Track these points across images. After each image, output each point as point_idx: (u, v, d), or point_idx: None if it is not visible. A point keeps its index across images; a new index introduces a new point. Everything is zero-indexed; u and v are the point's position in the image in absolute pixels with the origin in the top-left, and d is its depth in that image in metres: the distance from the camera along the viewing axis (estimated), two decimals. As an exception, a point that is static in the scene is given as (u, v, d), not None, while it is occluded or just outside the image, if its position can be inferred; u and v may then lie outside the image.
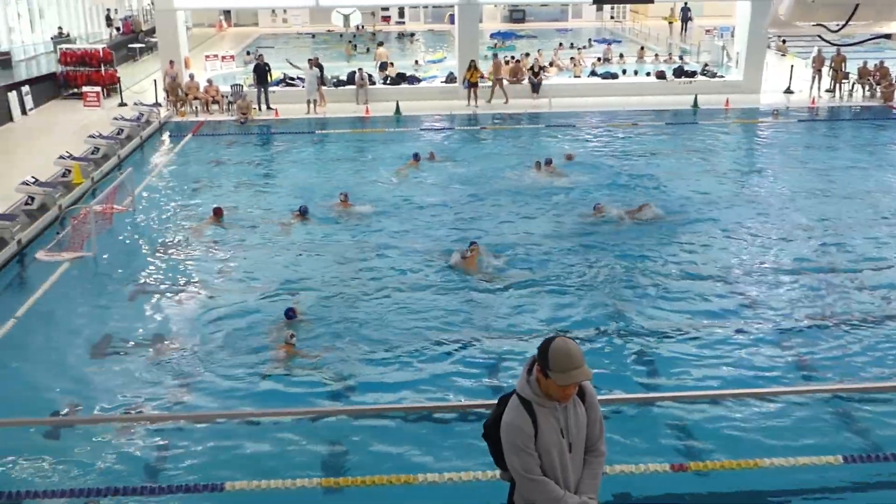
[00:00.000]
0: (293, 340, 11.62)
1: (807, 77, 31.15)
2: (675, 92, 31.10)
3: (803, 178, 20.61)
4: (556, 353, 5.08)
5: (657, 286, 13.87)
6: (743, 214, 17.58)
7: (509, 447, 5.31)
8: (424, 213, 17.89)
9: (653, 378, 11.08)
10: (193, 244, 16.27)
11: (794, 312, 12.86)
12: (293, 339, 11.63)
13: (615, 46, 41.97)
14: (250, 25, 60.51)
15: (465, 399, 10.45)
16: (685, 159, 22.74)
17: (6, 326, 12.62)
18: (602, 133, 26.00)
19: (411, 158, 21.69)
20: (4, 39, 36.44)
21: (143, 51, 42.90)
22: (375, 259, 15.27)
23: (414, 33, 55.77)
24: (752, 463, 8.73)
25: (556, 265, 14.77)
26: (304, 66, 30.26)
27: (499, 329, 12.41)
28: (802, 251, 15.47)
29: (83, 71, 31.91)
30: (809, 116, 28.29)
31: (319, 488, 8.56)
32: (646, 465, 8.66)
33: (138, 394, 10.66)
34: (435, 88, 32.05)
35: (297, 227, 17.06)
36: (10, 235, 15.59)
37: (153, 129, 26.24)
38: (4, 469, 8.97)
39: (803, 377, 11.08)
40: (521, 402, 5.30)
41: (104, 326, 12.67)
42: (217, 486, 8.47)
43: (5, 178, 19.62)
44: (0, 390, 10.82)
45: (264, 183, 20.96)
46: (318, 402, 10.46)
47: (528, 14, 60.81)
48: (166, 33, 30.88)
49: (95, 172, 20.80)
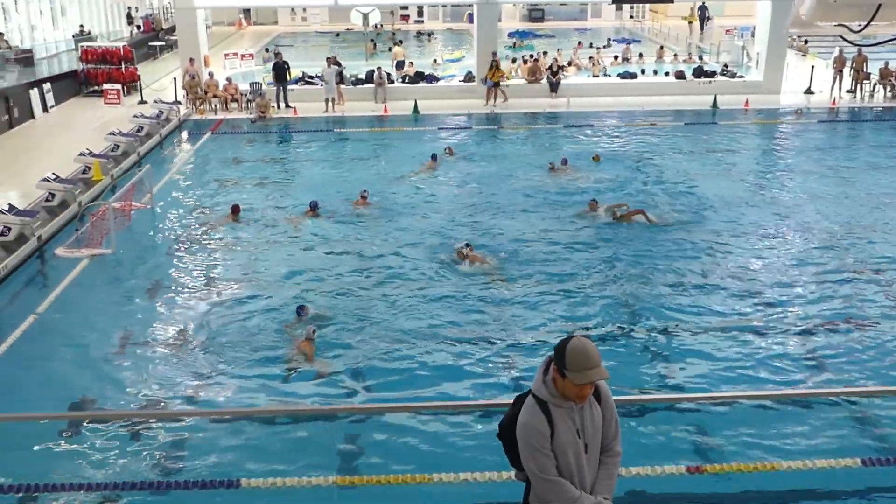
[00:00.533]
0: (314, 336, 11.63)
1: (828, 77, 30.93)
2: (695, 92, 30.97)
3: (823, 180, 20.45)
4: (574, 352, 5.07)
5: (675, 286, 13.82)
6: (761, 215, 17.48)
7: (525, 447, 5.29)
8: (441, 212, 17.89)
9: (669, 379, 11.03)
10: (211, 241, 16.35)
11: (813, 314, 12.77)
12: (314, 335, 11.64)
13: (634, 46, 41.84)
14: (270, 24, 60.77)
15: (480, 398, 10.44)
16: (703, 159, 22.64)
17: (26, 322, 12.70)
18: (620, 133, 25.91)
19: (429, 159, 21.70)
20: (27, 37, 36.71)
21: (164, 49, 43.13)
22: (392, 257, 15.28)
23: (432, 32, 55.78)
24: (769, 465, 8.68)
25: (574, 265, 14.74)
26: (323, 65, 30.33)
27: (515, 328, 12.39)
28: (822, 253, 15.36)
29: (104, 69, 32.14)
30: (830, 117, 28.09)
31: (335, 486, 8.56)
32: (662, 466, 8.61)
33: (156, 389, 10.72)
34: (453, 87, 32.03)
35: (310, 224, 17.15)
36: (31, 231, 15.70)
37: (172, 127, 26.38)
38: (23, 462, 9.02)
39: (821, 379, 11.00)
40: (537, 402, 5.28)
41: (122, 322, 12.74)
42: (233, 482, 8.49)
43: (26, 174, 19.78)
44: (20, 385, 10.91)
45: (282, 181, 21.02)
46: (334, 399, 10.47)
47: (546, 13, 60.74)
48: (186, 31, 31.03)
49: (115, 169, 20.91)
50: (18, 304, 13.67)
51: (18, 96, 26.72)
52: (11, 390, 10.75)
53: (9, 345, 11.98)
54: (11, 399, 10.54)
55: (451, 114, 28.71)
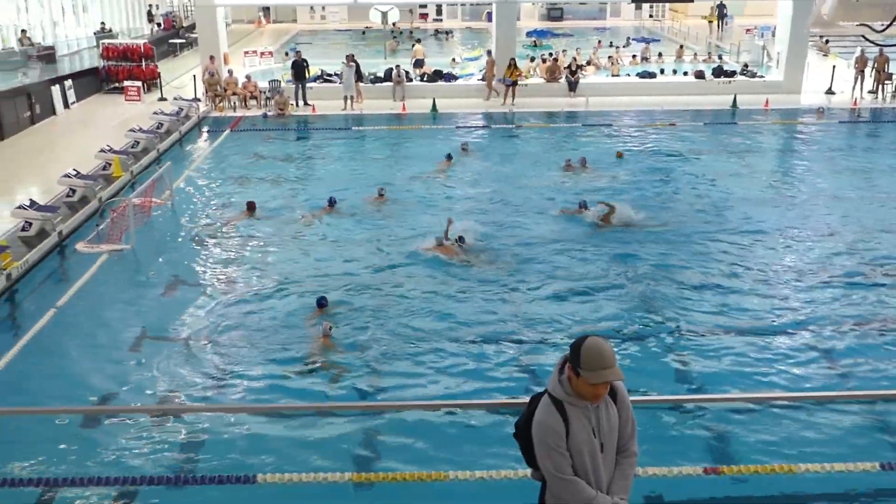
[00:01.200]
0: (331, 332, 11.66)
1: (849, 78, 30.72)
2: (714, 92, 30.81)
3: (844, 181, 20.32)
4: (589, 351, 5.08)
5: (692, 287, 13.75)
6: (781, 216, 17.40)
7: (540, 446, 5.30)
8: (455, 209, 17.87)
9: (687, 380, 10.99)
10: (229, 237, 16.41)
11: (832, 316, 12.69)
12: (331, 332, 11.67)
13: (653, 45, 41.70)
14: (289, 22, 60.96)
15: (496, 397, 10.43)
16: (723, 159, 22.51)
17: (46, 316, 12.79)
18: (639, 133, 25.83)
19: (444, 159, 21.71)
20: (49, 34, 36.94)
21: (184, 46, 43.34)
22: (407, 254, 15.28)
23: (451, 31, 55.76)
24: (787, 468, 8.64)
25: (591, 265, 14.72)
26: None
27: (530, 327, 12.37)
28: (842, 255, 15.25)
29: (125, 66, 32.36)
30: (851, 118, 27.90)
31: (350, 483, 8.59)
32: (678, 467, 8.58)
33: (173, 384, 10.78)
34: (472, 86, 31.99)
35: (328, 220, 17.27)
36: (52, 227, 15.82)
37: (192, 124, 26.49)
38: (41, 456, 9.09)
39: (840, 382, 10.94)
40: (553, 401, 5.29)
41: (141, 317, 12.82)
42: (249, 478, 8.53)
43: (48, 170, 19.93)
44: (39, 379, 10.98)
45: (300, 178, 21.09)
46: (351, 396, 10.50)
47: (566, 12, 60.57)
48: (206, 29, 31.14)
49: (135, 166, 21.04)
50: (39, 298, 13.76)
51: (40, 93, 26.92)
52: (30, 384, 10.83)
53: (29, 338, 12.08)
54: (30, 392, 10.61)
55: (470, 112, 28.70)
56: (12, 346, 11.81)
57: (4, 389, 10.66)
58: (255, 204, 17.66)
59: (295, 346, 11.74)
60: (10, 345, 11.84)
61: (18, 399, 10.41)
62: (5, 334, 12.57)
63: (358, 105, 29.30)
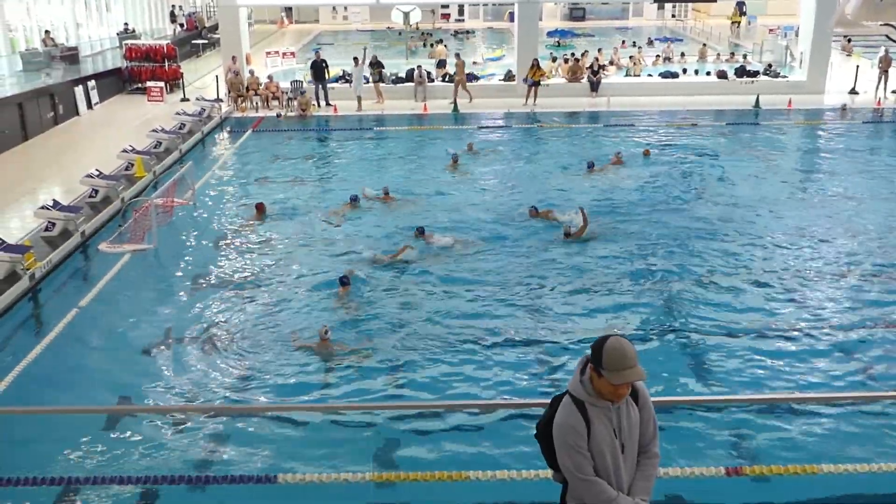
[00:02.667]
0: (328, 335, 11.69)
1: (872, 78, 30.47)
2: (737, 92, 30.65)
3: (867, 181, 20.14)
4: (611, 351, 5.04)
5: (716, 288, 13.68)
6: (803, 217, 17.28)
7: (562, 447, 5.26)
8: (468, 210, 17.93)
9: (708, 380, 10.92)
10: (251, 237, 16.44)
11: (854, 317, 12.58)
12: (328, 334, 11.70)
13: (676, 45, 41.52)
14: (311, 22, 61.19)
15: (516, 397, 10.41)
16: (745, 159, 22.35)
17: (69, 316, 12.87)
18: (661, 133, 25.72)
19: (450, 161, 21.71)
20: (72, 35, 37.22)
21: (206, 47, 43.57)
22: (425, 252, 15.30)
23: (469, 31, 55.77)
24: (809, 469, 8.56)
25: (608, 264, 14.67)
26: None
27: (550, 327, 12.34)
28: (864, 256, 15.11)
29: (147, 66, 32.58)
30: (874, 118, 27.66)
31: (371, 483, 8.59)
32: (700, 468, 8.53)
33: (194, 384, 10.81)
34: (493, 86, 31.96)
35: (349, 217, 17.41)
36: (75, 227, 15.92)
37: (214, 125, 26.63)
38: (64, 455, 9.15)
39: (863, 382, 10.83)
40: (574, 401, 5.25)
41: (163, 317, 12.87)
42: (270, 477, 8.54)
43: (71, 170, 20.07)
44: (62, 378, 11.05)
45: (320, 177, 21.17)
46: (370, 396, 10.49)
47: (588, 12, 60.47)
48: (229, 29, 31.30)
49: (157, 166, 21.15)
50: (62, 298, 13.86)
51: (63, 93, 27.12)
52: (53, 383, 10.90)
53: (52, 338, 12.14)
54: (53, 391, 10.68)
55: (492, 112, 28.67)
56: (35, 345, 11.87)
57: (28, 388, 10.70)
58: (265, 205, 17.73)
59: (315, 344, 11.76)
60: (33, 344, 11.91)
61: (42, 398, 10.49)
62: (29, 334, 12.68)
63: (379, 105, 29.32)
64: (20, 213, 17.39)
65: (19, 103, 24.17)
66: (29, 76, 28.54)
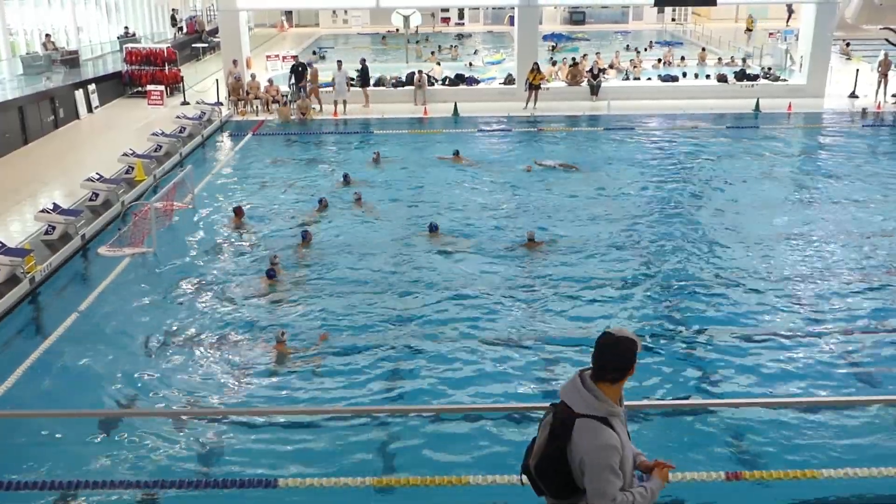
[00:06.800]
0: (284, 338, 11.74)
1: (872, 81, 30.47)
2: (737, 95, 30.64)
3: (867, 186, 20.12)
4: (634, 345, 4.91)
5: (717, 291, 13.69)
6: (802, 220, 17.30)
7: (604, 471, 4.85)
8: (463, 213, 17.97)
9: (708, 384, 10.91)
10: (250, 241, 16.43)
11: (855, 321, 12.60)
12: (284, 337, 11.75)
13: (676, 49, 41.52)
14: (311, 26, 61.20)
15: (515, 402, 10.41)
16: (744, 163, 22.35)
17: (69, 319, 12.87)
18: (661, 136, 25.72)
19: (341, 179, 21.07)
20: (73, 38, 37.23)
21: (206, 50, 43.60)
22: (420, 255, 15.33)
23: (470, 34, 55.78)
24: (810, 473, 8.56)
25: (606, 267, 14.68)
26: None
27: (546, 330, 12.35)
28: (863, 259, 15.14)
29: (148, 70, 32.58)
30: (874, 122, 27.67)
31: (371, 487, 8.58)
32: (700, 472, 8.53)
33: (193, 388, 10.81)
34: (493, 90, 31.99)
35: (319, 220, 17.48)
36: (75, 230, 15.92)
37: (214, 128, 26.65)
38: (63, 459, 9.15)
39: (863, 386, 10.83)
40: (599, 421, 4.89)
41: (163, 321, 12.86)
42: (271, 482, 8.54)
43: (71, 174, 20.10)
44: (61, 381, 11.04)
45: (317, 179, 21.16)
46: (370, 400, 10.48)
47: (588, 16, 60.51)
48: (229, 33, 31.30)
49: (157, 170, 21.16)
50: (61, 302, 13.86)
51: (64, 97, 27.14)
52: (52, 387, 10.90)
53: (51, 341, 12.15)
54: (52, 395, 10.68)
55: (491, 116, 28.67)
56: (35, 349, 11.88)
57: (27, 392, 10.70)
58: (243, 209, 17.72)
59: (323, 348, 11.77)
60: (33, 348, 11.91)
61: (40, 402, 10.48)
62: (29, 337, 12.68)
63: (365, 109, 29.37)
64: (21, 216, 17.42)
65: (20, 107, 24.20)
66: (30, 80, 28.55)
